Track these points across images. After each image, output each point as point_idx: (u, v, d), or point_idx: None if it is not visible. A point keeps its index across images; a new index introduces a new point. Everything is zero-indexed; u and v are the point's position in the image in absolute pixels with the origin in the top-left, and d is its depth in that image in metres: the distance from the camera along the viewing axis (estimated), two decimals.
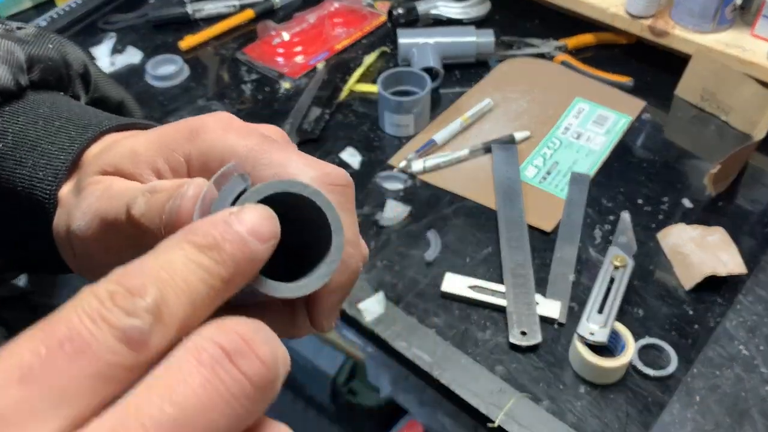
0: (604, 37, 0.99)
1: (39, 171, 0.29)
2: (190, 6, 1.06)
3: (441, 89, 0.93)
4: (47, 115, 0.31)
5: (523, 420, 0.59)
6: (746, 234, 0.74)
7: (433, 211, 0.77)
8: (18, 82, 0.32)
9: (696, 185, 0.80)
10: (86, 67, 0.37)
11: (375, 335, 0.66)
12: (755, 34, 0.87)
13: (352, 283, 0.25)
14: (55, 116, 0.31)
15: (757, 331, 0.65)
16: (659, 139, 0.87)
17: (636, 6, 0.91)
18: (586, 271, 0.70)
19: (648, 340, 0.64)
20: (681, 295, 0.69)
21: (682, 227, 0.72)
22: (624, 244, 0.71)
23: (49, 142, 0.30)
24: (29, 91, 0.33)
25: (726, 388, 0.61)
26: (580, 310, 0.66)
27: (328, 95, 0.92)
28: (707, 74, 0.87)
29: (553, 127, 0.87)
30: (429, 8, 1.02)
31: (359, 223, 0.76)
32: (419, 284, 0.70)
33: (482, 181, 0.80)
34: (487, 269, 0.71)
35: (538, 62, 0.97)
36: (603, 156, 0.83)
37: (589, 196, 0.78)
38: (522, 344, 0.64)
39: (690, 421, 0.59)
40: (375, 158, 0.84)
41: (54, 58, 0.34)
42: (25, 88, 0.32)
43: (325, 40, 1.02)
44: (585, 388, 0.61)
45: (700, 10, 0.87)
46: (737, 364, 0.63)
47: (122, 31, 1.04)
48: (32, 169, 0.29)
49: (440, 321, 0.67)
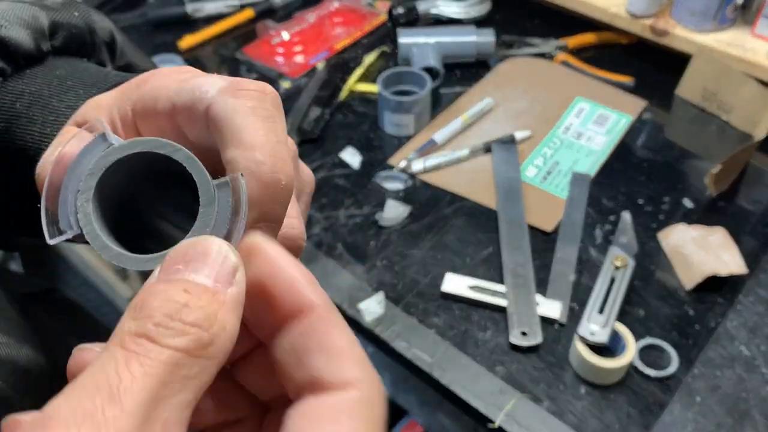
0: (605, 37, 0.99)
1: (47, 127, 0.30)
2: (190, 5, 1.06)
3: (441, 89, 0.93)
4: (63, 75, 0.32)
5: (523, 420, 0.59)
6: (747, 234, 0.74)
7: (433, 211, 0.77)
8: (39, 47, 0.32)
9: (697, 185, 0.79)
10: (113, 36, 0.37)
11: (375, 335, 0.66)
12: (756, 33, 0.87)
13: (274, 201, 0.22)
14: (69, 77, 0.32)
15: (758, 332, 0.65)
16: (660, 138, 0.86)
17: (637, 5, 0.91)
18: (587, 272, 0.70)
19: (649, 341, 0.64)
20: (682, 295, 0.69)
21: (683, 227, 0.72)
22: (625, 244, 0.71)
23: (60, 99, 0.31)
24: (51, 56, 0.33)
25: (727, 388, 0.61)
26: (580, 310, 0.66)
27: (328, 95, 0.92)
28: (708, 74, 0.87)
29: (554, 127, 0.87)
30: (429, 8, 1.01)
31: (358, 222, 0.75)
32: (419, 284, 0.70)
33: (482, 180, 0.80)
34: (488, 269, 0.71)
35: (539, 62, 0.97)
36: (604, 156, 0.83)
37: (589, 196, 0.78)
38: (522, 344, 0.64)
39: (691, 421, 0.59)
40: (375, 158, 0.84)
41: (78, 25, 0.34)
42: (47, 52, 0.33)
43: (325, 39, 1.02)
44: (585, 389, 0.61)
45: (701, 10, 0.87)
46: (738, 365, 0.63)
47: (122, 31, 1.04)
48: (41, 126, 0.30)
49: (440, 321, 0.67)
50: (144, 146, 0.21)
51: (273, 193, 0.22)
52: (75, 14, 0.35)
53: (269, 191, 0.21)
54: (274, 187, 0.22)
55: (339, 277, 0.70)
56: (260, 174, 0.21)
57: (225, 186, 0.21)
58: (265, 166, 0.21)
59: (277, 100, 0.23)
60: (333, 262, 0.72)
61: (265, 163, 0.21)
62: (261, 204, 0.21)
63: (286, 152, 0.22)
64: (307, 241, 0.74)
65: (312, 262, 0.72)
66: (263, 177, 0.21)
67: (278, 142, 0.22)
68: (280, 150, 0.22)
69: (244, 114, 0.22)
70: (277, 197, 0.22)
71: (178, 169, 0.21)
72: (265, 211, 0.22)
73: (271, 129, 0.22)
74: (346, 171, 0.82)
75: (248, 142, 0.22)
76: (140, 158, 0.21)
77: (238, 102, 0.22)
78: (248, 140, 0.22)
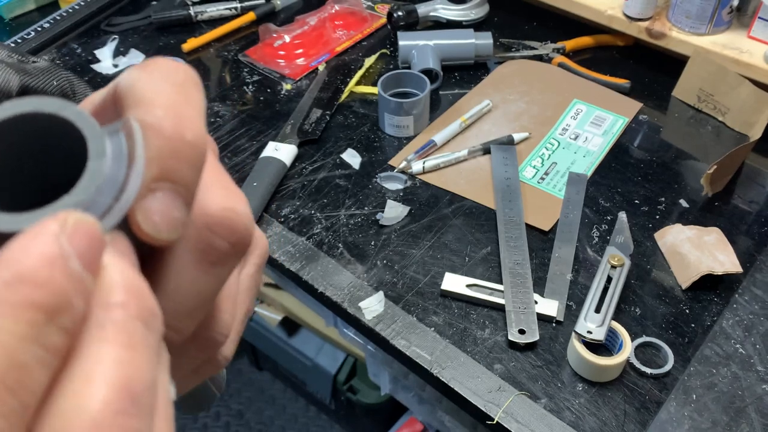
0: (602, 39, 1.00)
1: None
2: (193, 8, 1.07)
3: (440, 91, 0.94)
4: None
5: (521, 417, 0.60)
6: (743, 234, 0.75)
7: (433, 211, 0.78)
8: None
9: (693, 185, 0.80)
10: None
11: (375, 333, 0.67)
12: (752, 35, 0.88)
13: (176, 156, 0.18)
14: None
15: (753, 330, 0.66)
16: (656, 139, 0.87)
17: (633, 8, 0.92)
18: (584, 271, 0.71)
19: (645, 339, 0.65)
20: (678, 294, 0.70)
21: (679, 227, 0.73)
22: (621, 243, 0.72)
23: None
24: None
25: (723, 386, 0.62)
26: (577, 308, 0.67)
27: (328, 97, 0.93)
28: (704, 76, 0.88)
29: (552, 128, 0.88)
30: (428, 11, 1.02)
31: (359, 222, 0.77)
32: (419, 283, 0.71)
33: (481, 181, 0.81)
34: (486, 268, 0.72)
35: (537, 64, 0.98)
36: (600, 156, 0.84)
37: (586, 196, 0.79)
38: (520, 342, 0.64)
39: (687, 419, 0.60)
40: (375, 159, 0.85)
41: (51, 92, 0.33)
42: None
43: (326, 42, 1.03)
44: (583, 386, 0.62)
45: (697, 12, 0.88)
46: (734, 363, 0.64)
47: (125, 34, 1.05)
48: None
49: (440, 320, 0.68)
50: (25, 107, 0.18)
51: (175, 147, 0.18)
52: (53, 83, 0.32)
53: (170, 144, 0.18)
54: (176, 140, 0.18)
55: (340, 276, 0.71)
56: (160, 127, 0.18)
57: (117, 135, 0.18)
58: (166, 121, 0.18)
59: (190, 75, 0.20)
60: (334, 262, 0.73)
61: (166, 118, 0.18)
62: (160, 159, 0.18)
63: (197, 115, 0.19)
64: (309, 240, 0.75)
65: (313, 261, 0.73)
66: (163, 130, 0.18)
67: (186, 103, 0.19)
68: (189, 110, 0.19)
69: (148, 80, 0.19)
70: (180, 152, 0.18)
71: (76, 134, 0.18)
72: (166, 168, 0.18)
73: (179, 92, 0.19)
74: (347, 172, 0.83)
75: (149, 100, 0.19)
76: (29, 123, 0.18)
77: (143, 72, 0.19)
78: (149, 99, 0.19)
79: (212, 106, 0.93)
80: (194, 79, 0.20)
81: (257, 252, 0.25)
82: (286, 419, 1.56)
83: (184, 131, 0.18)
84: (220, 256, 0.20)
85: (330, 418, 1.55)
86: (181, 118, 0.18)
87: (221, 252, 0.20)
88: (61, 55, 1.02)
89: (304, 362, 1.45)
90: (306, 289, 0.72)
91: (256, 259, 0.25)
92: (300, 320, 1.44)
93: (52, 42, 1.03)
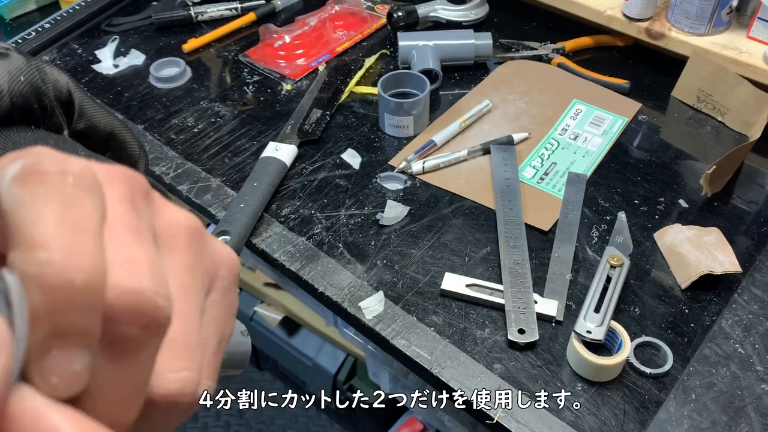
0: (602, 40, 1.00)
1: None
2: (193, 9, 1.07)
3: (440, 91, 0.94)
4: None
5: (520, 417, 0.60)
6: (742, 234, 0.75)
7: (433, 211, 0.78)
8: None
9: (692, 186, 0.80)
10: (70, 95, 0.32)
11: (375, 333, 0.67)
12: (751, 36, 0.88)
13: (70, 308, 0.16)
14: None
15: (752, 330, 0.66)
16: (656, 140, 0.87)
17: (633, 9, 0.92)
18: (583, 270, 0.71)
19: (644, 339, 0.65)
20: (677, 294, 0.70)
21: (678, 227, 0.73)
22: (620, 243, 0.72)
23: None
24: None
25: (722, 386, 0.62)
26: (577, 308, 0.67)
27: (328, 97, 0.93)
28: (703, 76, 0.88)
29: (551, 129, 0.88)
30: (428, 11, 1.03)
31: (359, 222, 0.77)
32: (419, 283, 0.71)
33: (481, 181, 0.81)
34: (486, 268, 0.72)
35: (536, 65, 0.98)
36: (600, 157, 0.84)
37: (586, 196, 0.79)
38: (520, 342, 0.65)
39: (686, 418, 0.60)
40: (375, 159, 0.85)
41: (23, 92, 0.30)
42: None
43: (326, 42, 1.03)
44: (582, 386, 0.62)
45: (696, 13, 0.88)
46: (733, 362, 0.64)
47: (126, 34, 1.06)
48: None
49: (439, 319, 0.68)
50: None
51: (64, 299, 0.16)
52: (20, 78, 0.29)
53: (59, 296, 0.16)
54: (65, 290, 0.16)
55: (340, 276, 0.71)
56: (44, 278, 0.16)
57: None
58: (52, 267, 0.16)
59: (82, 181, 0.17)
60: (334, 261, 0.73)
61: (52, 264, 0.16)
62: (49, 315, 0.16)
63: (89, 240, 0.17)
64: (309, 240, 0.75)
65: (313, 261, 0.73)
66: (48, 281, 0.16)
67: (76, 230, 0.17)
68: (79, 240, 0.17)
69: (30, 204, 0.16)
70: (71, 302, 0.16)
71: None
72: (57, 324, 0.16)
73: (67, 217, 0.17)
74: (347, 172, 0.83)
75: (29, 237, 0.16)
76: None
77: (24, 190, 0.17)
78: (30, 235, 0.16)
79: (213, 107, 0.93)
80: (89, 185, 0.18)
81: (222, 274, 0.23)
82: (287, 419, 1.57)
83: (74, 275, 0.16)
84: (135, 344, 0.18)
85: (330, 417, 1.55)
86: (69, 256, 0.16)
87: (133, 340, 0.18)
88: (61, 55, 1.02)
89: (305, 362, 1.45)
90: (306, 289, 0.72)
91: (222, 281, 0.23)
92: (300, 320, 1.44)
93: (52, 42, 1.03)
